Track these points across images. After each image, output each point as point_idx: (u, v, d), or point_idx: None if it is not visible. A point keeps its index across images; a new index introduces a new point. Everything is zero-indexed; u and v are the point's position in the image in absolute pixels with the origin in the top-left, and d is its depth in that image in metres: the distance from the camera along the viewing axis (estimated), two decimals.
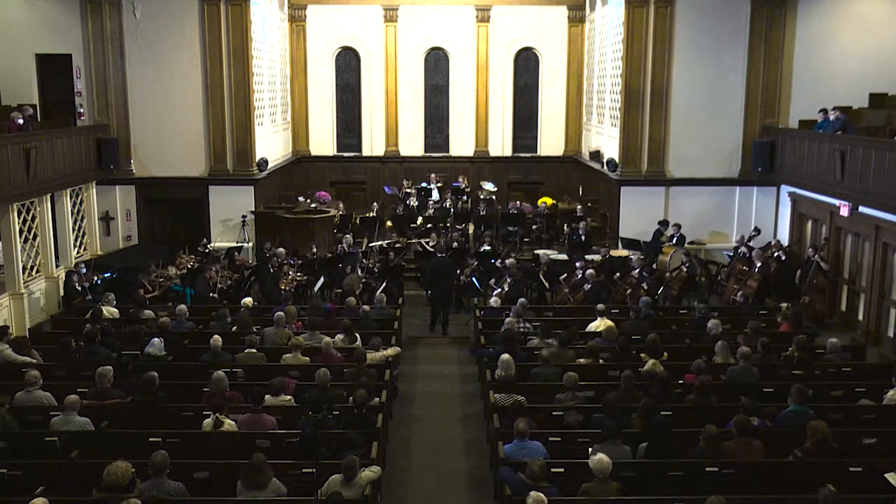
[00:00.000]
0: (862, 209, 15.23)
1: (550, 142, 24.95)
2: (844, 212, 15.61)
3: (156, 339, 11.71)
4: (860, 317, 15.53)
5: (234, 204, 19.26)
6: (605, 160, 20.89)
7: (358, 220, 20.12)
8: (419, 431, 11.36)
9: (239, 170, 19.33)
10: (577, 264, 16.28)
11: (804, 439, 8.56)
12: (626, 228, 19.16)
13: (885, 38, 18.71)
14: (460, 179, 22.93)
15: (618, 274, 16.16)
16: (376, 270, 16.77)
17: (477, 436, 11.09)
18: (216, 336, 11.61)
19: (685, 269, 16.22)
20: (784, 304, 14.96)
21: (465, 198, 22.04)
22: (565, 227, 19.90)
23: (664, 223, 18.50)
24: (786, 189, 18.50)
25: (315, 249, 17.45)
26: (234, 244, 18.58)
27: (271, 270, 15.99)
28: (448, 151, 24.92)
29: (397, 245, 18.88)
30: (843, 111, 16.95)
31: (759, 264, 15.99)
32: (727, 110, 19.05)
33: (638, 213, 19.08)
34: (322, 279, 16.00)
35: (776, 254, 16.68)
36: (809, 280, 15.81)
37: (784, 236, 18.30)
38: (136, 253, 17.85)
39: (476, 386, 12.87)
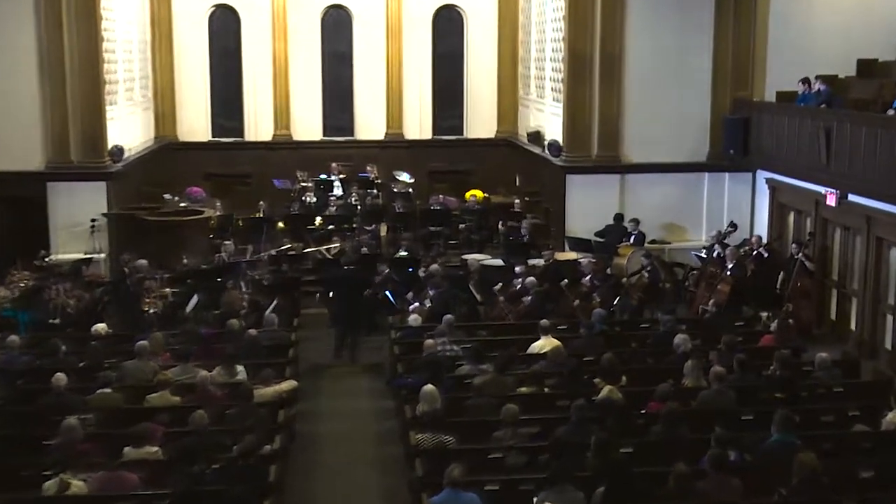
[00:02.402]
0: (851, 197, 15.74)
1: (480, 121, 25.11)
2: (831, 201, 16.13)
3: None
4: (852, 326, 16.06)
5: (81, 204, 18.72)
6: (546, 143, 21.10)
7: (241, 223, 19.91)
8: (324, 483, 11.26)
9: (86, 161, 18.84)
10: (516, 271, 16.38)
11: (790, 475, 8.78)
12: (575, 226, 19.40)
13: None
14: (369, 169, 22.88)
15: (565, 282, 16.31)
16: (265, 284, 16.59)
17: (396, 484, 11.04)
18: (59, 374, 11.29)
19: (646, 274, 16.50)
20: (764, 314, 15.35)
21: (375, 192, 21.99)
22: (500, 226, 20.03)
23: (619, 218, 18.83)
24: (763, 175, 19.02)
25: (187, 260, 17.14)
26: (83, 256, 18.13)
27: (131, 288, 15.70)
28: (353, 135, 24.85)
29: (292, 253, 18.71)
30: (828, 81, 17.50)
31: (731, 265, 16.39)
32: (692, 81, 19.48)
33: (588, 207, 19.33)
34: (196, 297, 15.72)
35: (754, 252, 17.12)
36: (793, 283, 16.28)
37: (763, 231, 18.81)
38: None
39: (394, 424, 12.80)
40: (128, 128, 21.27)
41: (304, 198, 21.64)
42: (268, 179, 23.16)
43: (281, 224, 20.49)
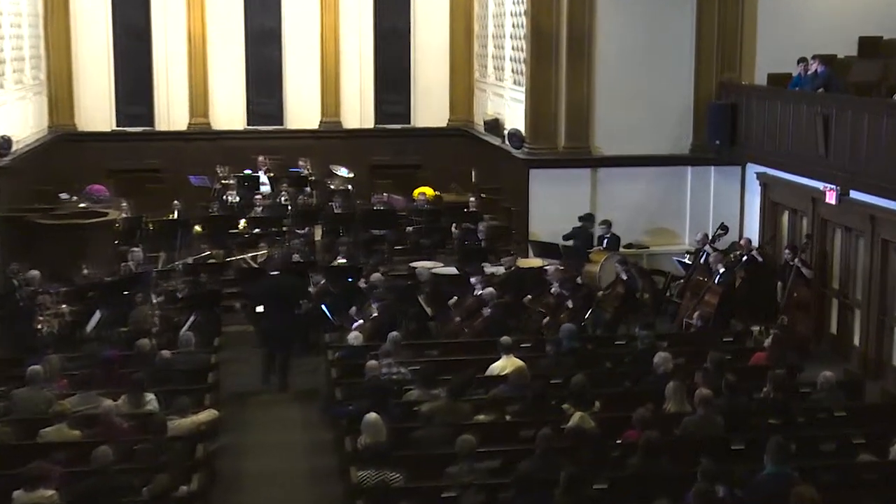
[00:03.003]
0: (853, 194, 15.95)
1: (429, 108, 25.14)
2: (831, 198, 16.34)
3: None
4: (856, 341, 16.25)
5: None
6: (506, 133, 21.15)
7: (151, 226, 19.73)
8: None
9: None
10: (472, 280, 16.39)
11: None
12: (540, 228, 19.50)
13: None
14: (301, 164, 22.81)
15: (529, 297, 16.36)
16: (180, 298, 16.46)
17: None
18: None
19: (622, 284, 16.62)
20: (756, 328, 15.48)
21: (308, 190, 21.93)
22: (454, 229, 20.04)
23: (588, 219, 18.86)
24: (753, 169, 19.24)
25: (87, 271, 16.93)
26: None
27: (21, 304, 15.49)
28: (283, 123, 24.78)
29: (211, 261, 18.59)
30: (826, 61, 17.72)
31: (720, 272, 16.54)
32: (672, 62, 19.67)
33: (555, 206, 19.42)
34: (99, 314, 15.55)
35: (744, 258, 17.29)
36: (788, 293, 16.47)
37: (754, 233, 19.04)
38: None
39: (332, 460, 12.76)
40: (16, 115, 21.01)
41: (225, 197, 21.46)
42: (182, 176, 22.98)
43: (198, 228, 20.31)
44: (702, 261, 17.46)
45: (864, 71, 17.84)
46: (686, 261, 18.11)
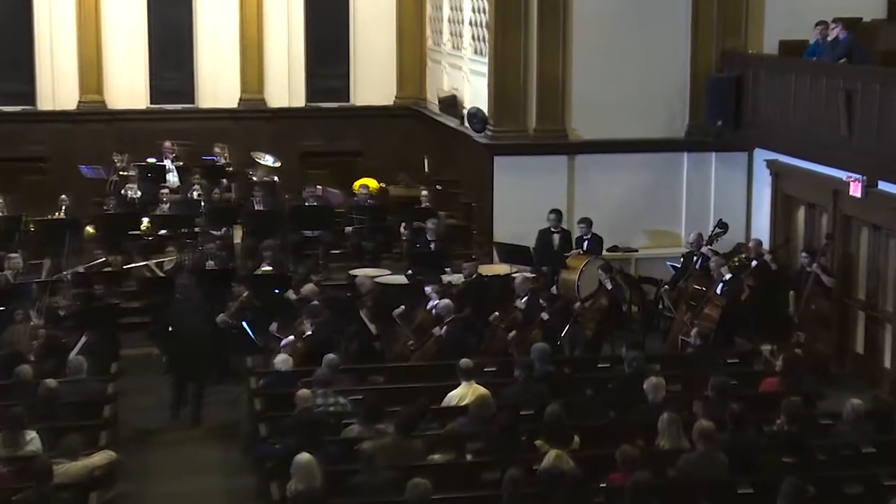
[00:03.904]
0: (882, 185, 16.10)
1: (372, 83, 25.12)
2: (856, 190, 16.47)
3: None
4: (886, 362, 16.38)
5: None
6: (465, 112, 21.15)
7: (33, 227, 19.58)
8: None
9: None
10: (426, 290, 16.38)
11: None
12: (505, 227, 19.52)
13: None
14: (217, 151, 22.75)
15: (495, 314, 16.36)
16: (69, 315, 16.33)
17: None
18: None
19: (605, 295, 16.65)
20: (766, 347, 15.55)
21: (225, 182, 21.85)
22: (402, 229, 20.00)
23: (556, 217, 18.70)
24: (762, 155, 19.37)
25: None
26: None
27: None
28: (194, 102, 24.73)
29: (107, 269, 18.47)
30: (850, 26, 17.83)
31: (723, 280, 16.61)
32: (665, 29, 19.77)
33: (524, 201, 19.46)
34: None
35: (752, 263, 17.39)
36: (805, 305, 16.55)
37: (763, 233, 19.15)
38: None
39: None
40: None
41: (123, 191, 21.29)
42: (72, 165, 22.81)
43: (91, 229, 20.16)
44: (697, 266, 17.51)
45: (894, 37, 17.97)
46: (681, 266, 18.14)
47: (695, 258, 17.71)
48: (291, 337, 15.39)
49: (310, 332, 15.32)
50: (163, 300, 16.51)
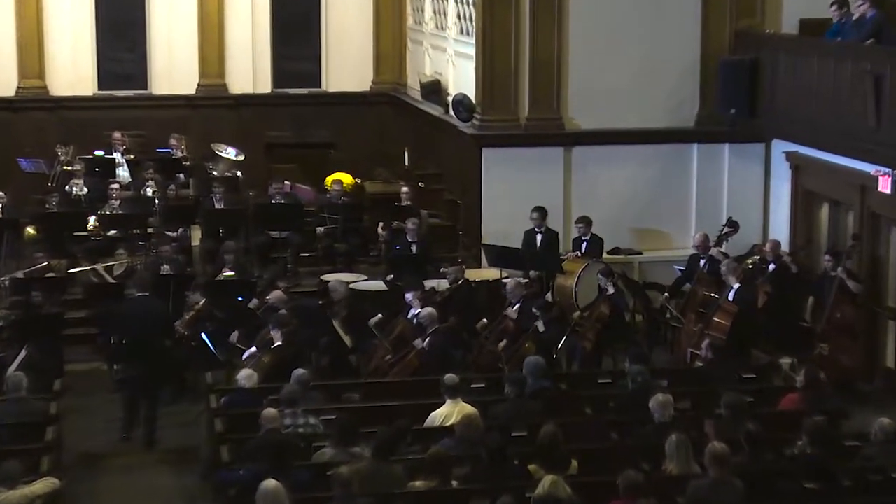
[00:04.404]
0: None
1: (346, 67, 25.15)
2: (885, 186, 16.50)
3: None
4: None
5: None
6: (451, 99, 21.14)
7: None
8: None
9: None
10: (407, 298, 16.36)
11: None
12: (495, 227, 19.54)
13: None
14: (173, 142, 22.69)
15: (484, 321, 16.35)
16: (6, 326, 16.26)
17: None
18: None
19: (606, 302, 16.64)
20: (786, 360, 15.56)
21: (182, 177, 21.83)
22: (380, 230, 20.00)
23: (539, 213, 18.62)
24: (780, 147, 19.39)
25: None
26: None
27: None
28: (147, 87, 24.72)
29: (49, 275, 18.38)
30: (878, 3, 17.79)
31: (735, 286, 16.61)
32: (673, 6, 19.75)
33: (515, 198, 19.43)
34: None
35: (769, 267, 17.42)
36: (829, 313, 16.55)
37: (781, 233, 19.17)
38: None
39: None
40: None
41: (68, 187, 21.24)
42: (10, 158, 22.77)
43: (31, 229, 20.11)
44: (705, 270, 17.52)
45: None
46: (688, 270, 18.14)
47: (701, 261, 17.69)
48: (256, 350, 15.39)
49: (277, 345, 15.30)
50: (112, 309, 16.43)
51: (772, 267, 17.34)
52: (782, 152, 19.28)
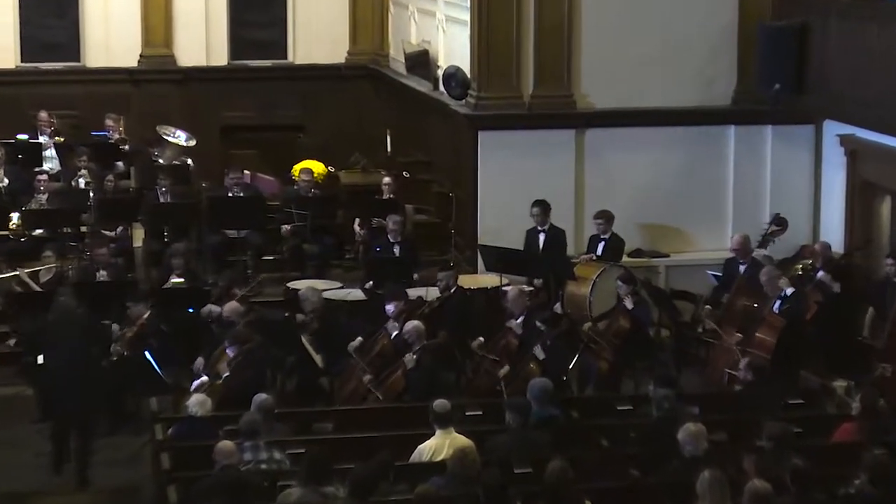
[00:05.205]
0: None
1: (317, 35, 25.27)
2: None
3: None
4: None
5: None
6: (441, 73, 21.16)
7: None
8: None
9: None
10: (388, 310, 16.36)
11: None
12: (493, 225, 19.58)
13: None
14: (111, 124, 22.74)
15: (481, 339, 16.37)
16: None
17: None
18: None
19: (626, 315, 16.65)
20: (841, 383, 15.56)
21: (122, 166, 21.85)
22: (357, 228, 20.03)
23: (541, 208, 18.70)
24: (833, 129, 19.42)
25: None
26: None
27: None
28: (79, 59, 24.82)
29: None
30: None
31: (780, 296, 16.63)
32: None
33: (518, 191, 19.47)
34: None
35: (818, 273, 17.44)
36: (892, 327, 16.57)
37: (834, 232, 19.22)
38: None
39: None
40: None
41: None
42: None
43: None
44: (746, 277, 17.52)
45: None
46: (724, 276, 18.18)
47: (741, 266, 17.75)
48: (207, 372, 15.39)
49: (234, 365, 15.31)
50: (37, 323, 16.42)
51: (821, 273, 17.35)
52: (835, 136, 19.32)
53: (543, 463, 12.00)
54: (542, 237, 18.56)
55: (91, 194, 20.68)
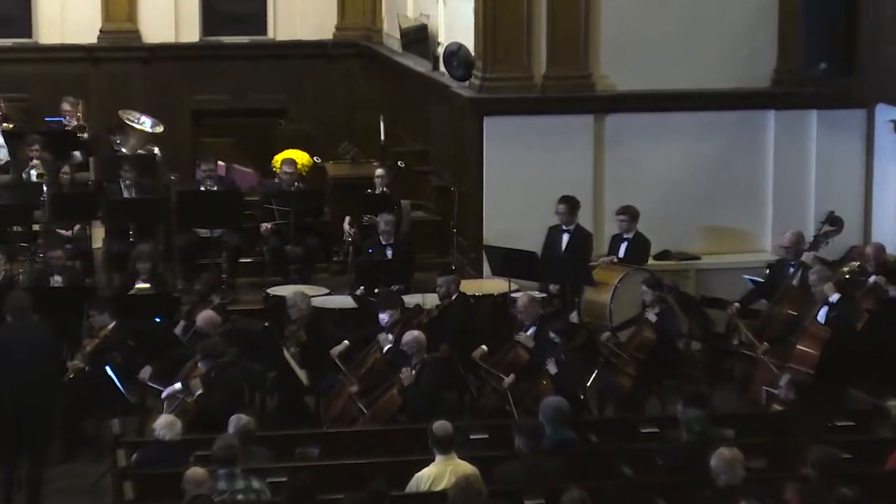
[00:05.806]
0: None
1: (301, 8, 25.36)
2: None
3: None
4: None
5: None
6: (442, 51, 21.20)
7: None
8: None
9: None
10: (382, 319, 16.39)
11: None
12: (501, 223, 19.64)
13: None
14: (67, 109, 22.81)
15: (483, 348, 16.42)
16: None
17: None
18: None
19: (650, 326, 16.69)
20: (894, 402, 15.62)
21: (79, 156, 21.91)
22: (347, 227, 20.05)
23: (568, 205, 18.72)
24: (887, 114, 19.46)
25: None
26: None
27: None
28: (31, 36, 24.95)
29: None
30: None
31: (829, 302, 16.63)
32: None
33: (528, 184, 19.59)
34: None
35: (871, 278, 17.47)
36: None
37: (888, 231, 19.28)
38: None
39: None
40: None
41: None
42: None
43: None
44: (794, 281, 17.57)
45: None
46: (760, 279, 18.20)
47: (791, 269, 17.75)
48: (179, 388, 15.41)
49: (208, 382, 15.33)
50: None
51: (873, 278, 17.37)
52: (890, 122, 19.35)
53: (557, 493, 12.03)
54: (565, 238, 18.56)
55: (44, 188, 20.68)
